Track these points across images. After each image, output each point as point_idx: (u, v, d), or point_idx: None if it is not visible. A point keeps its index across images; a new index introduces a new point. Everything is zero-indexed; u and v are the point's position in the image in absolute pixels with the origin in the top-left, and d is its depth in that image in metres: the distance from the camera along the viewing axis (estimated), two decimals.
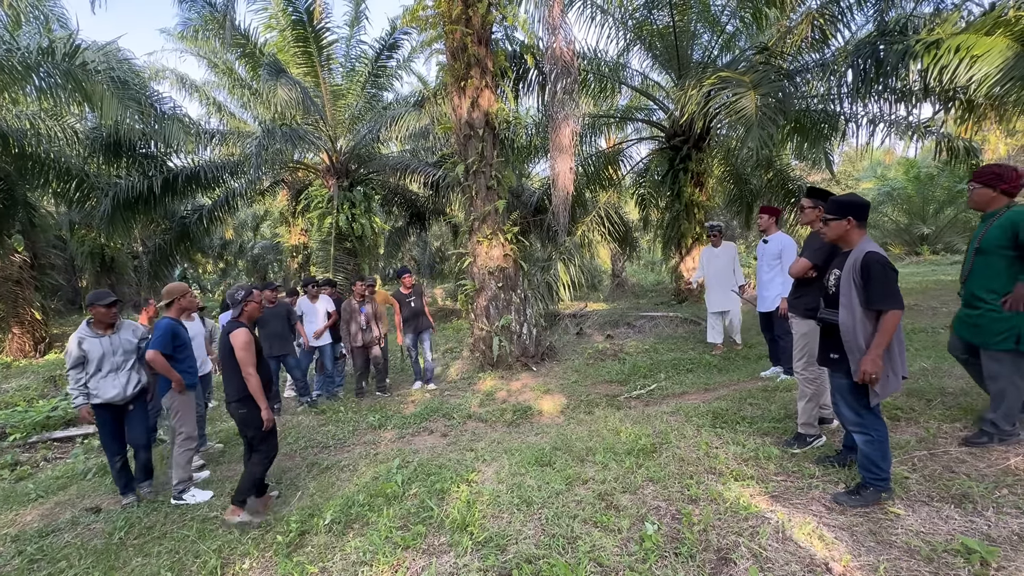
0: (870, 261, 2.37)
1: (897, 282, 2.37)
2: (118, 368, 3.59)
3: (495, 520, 2.66)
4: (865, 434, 2.48)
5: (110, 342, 3.58)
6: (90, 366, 3.52)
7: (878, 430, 2.47)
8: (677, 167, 10.51)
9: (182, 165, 11.04)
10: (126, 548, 3.02)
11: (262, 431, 3.25)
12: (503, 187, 6.76)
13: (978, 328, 2.87)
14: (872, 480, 2.48)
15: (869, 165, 27.65)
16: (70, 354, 3.52)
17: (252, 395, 3.19)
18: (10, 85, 8.08)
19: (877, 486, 2.47)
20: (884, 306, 2.35)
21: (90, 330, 3.57)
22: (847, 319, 2.44)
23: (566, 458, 3.40)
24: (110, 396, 3.55)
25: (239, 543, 2.86)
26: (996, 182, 2.80)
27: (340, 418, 5.36)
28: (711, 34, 10.34)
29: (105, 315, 3.57)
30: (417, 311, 6.34)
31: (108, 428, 3.64)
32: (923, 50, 6.24)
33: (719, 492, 2.68)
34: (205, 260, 27.43)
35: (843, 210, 2.50)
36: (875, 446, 2.46)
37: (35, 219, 11.49)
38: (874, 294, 2.36)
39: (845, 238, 2.53)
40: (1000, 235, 2.75)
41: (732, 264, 6.23)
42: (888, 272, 2.36)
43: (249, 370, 3.19)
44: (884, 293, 2.34)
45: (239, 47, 11.44)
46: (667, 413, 4.15)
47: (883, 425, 2.49)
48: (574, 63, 6.06)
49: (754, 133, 5.87)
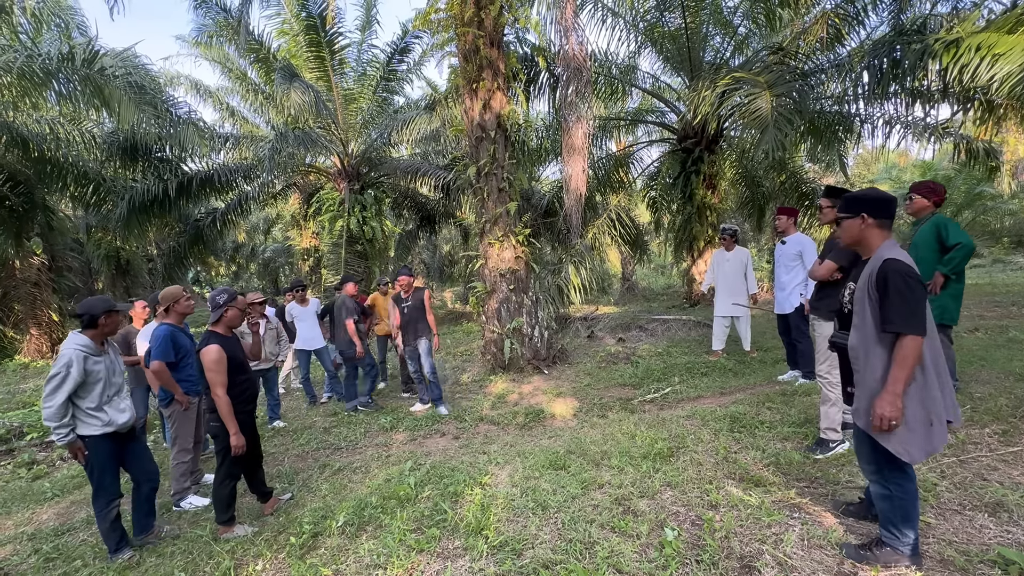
0: (888, 270, 1.87)
1: (924, 302, 1.86)
2: (120, 390, 2.98)
3: (510, 524, 2.62)
4: (883, 488, 2.00)
5: (109, 361, 2.95)
6: (94, 390, 2.80)
7: (901, 486, 1.95)
8: (689, 169, 10.44)
9: (196, 169, 11.19)
10: (140, 548, 3.01)
11: (230, 447, 2.98)
12: (515, 189, 6.74)
13: None
14: (891, 541, 2.01)
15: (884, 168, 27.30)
16: (71, 378, 2.69)
17: (222, 418, 2.94)
18: (31, 91, 8.24)
19: (897, 548, 1.99)
20: (901, 328, 1.83)
21: (93, 345, 2.83)
22: (858, 344, 1.98)
23: (581, 462, 3.34)
24: (123, 421, 2.92)
25: (252, 544, 2.84)
26: (930, 195, 3.75)
27: (352, 419, 5.35)
28: (723, 36, 10.29)
29: (117, 324, 2.99)
30: (412, 317, 5.45)
31: (114, 463, 2.94)
32: (942, 49, 6.14)
33: (740, 497, 2.61)
34: (218, 263, 27.74)
35: (856, 206, 2.04)
36: (895, 504, 1.97)
37: (53, 222, 11.68)
38: (890, 312, 1.85)
39: (862, 241, 2.05)
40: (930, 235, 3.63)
41: (743, 269, 6.04)
42: (912, 285, 1.84)
43: (218, 391, 2.92)
44: (903, 312, 1.82)
45: (253, 52, 11.58)
46: (683, 417, 4.08)
47: (910, 481, 1.97)
48: (587, 65, 6.03)
49: (769, 134, 5.79)
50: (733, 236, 6.13)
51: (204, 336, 3.08)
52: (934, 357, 1.90)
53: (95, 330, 2.86)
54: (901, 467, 1.96)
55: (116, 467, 2.96)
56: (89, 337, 2.84)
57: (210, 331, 3.11)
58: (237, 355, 3.15)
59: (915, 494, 1.98)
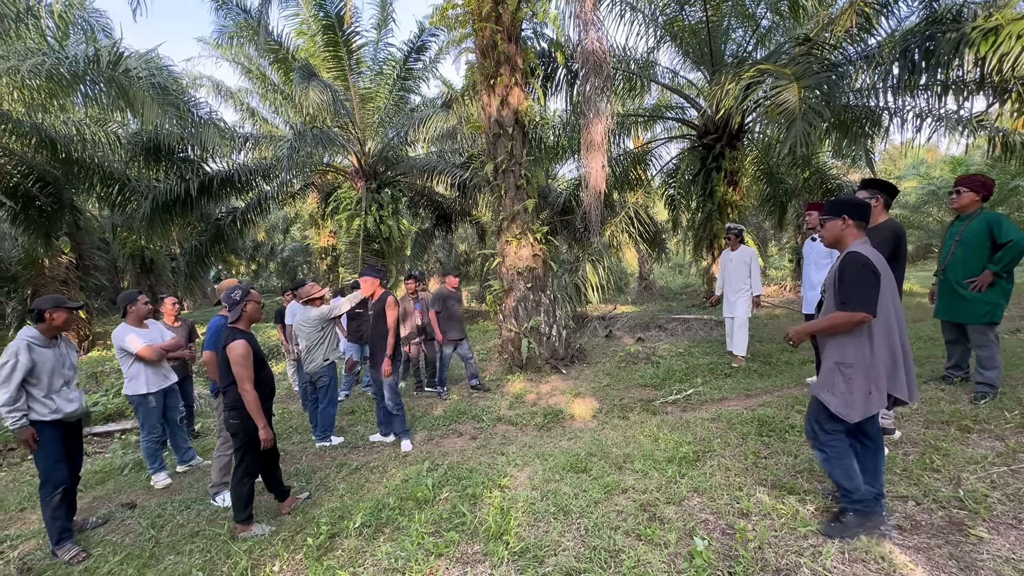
0: (847, 260, 2.14)
1: (875, 288, 2.07)
2: (69, 381, 3.16)
3: (531, 529, 2.53)
4: (820, 451, 2.28)
5: (59, 353, 3.13)
6: (40, 378, 2.99)
7: (834, 447, 2.23)
8: (709, 166, 10.21)
9: (217, 169, 11.34)
10: (160, 545, 3.01)
11: (248, 444, 3.01)
12: (532, 186, 6.64)
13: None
14: (849, 505, 2.24)
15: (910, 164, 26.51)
16: (20, 365, 2.91)
17: (250, 413, 2.96)
18: (59, 93, 8.42)
19: (856, 509, 2.21)
20: (852, 307, 2.09)
21: (42, 337, 3.05)
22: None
23: (602, 465, 3.24)
24: (70, 410, 3.10)
25: (270, 544, 2.81)
26: (981, 189, 3.59)
27: (369, 418, 5.32)
28: (745, 29, 10.04)
29: (68, 322, 3.14)
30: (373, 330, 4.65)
31: (58, 448, 3.06)
32: (980, 37, 5.90)
33: (772, 506, 2.48)
34: (238, 262, 28.21)
35: (838, 208, 2.25)
36: (833, 464, 2.23)
37: (80, 222, 11.95)
38: (844, 292, 2.12)
39: (840, 239, 2.28)
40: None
41: (747, 269, 5.75)
42: (865, 273, 2.08)
43: (246, 386, 2.92)
44: (854, 295, 2.08)
45: (272, 53, 11.69)
46: (707, 420, 3.95)
47: (839, 440, 2.23)
48: (607, 59, 5.91)
49: (797, 127, 5.59)
50: (739, 236, 5.89)
51: (227, 333, 3.05)
52: (889, 339, 2.13)
53: (43, 324, 3.08)
54: (830, 431, 2.24)
55: (62, 454, 3.10)
56: (39, 330, 3.06)
57: (232, 327, 3.08)
58: (259, 351, 3.15)
59: (847, 451, 2.23)
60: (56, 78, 8.02)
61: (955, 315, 3.71)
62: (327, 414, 4.69)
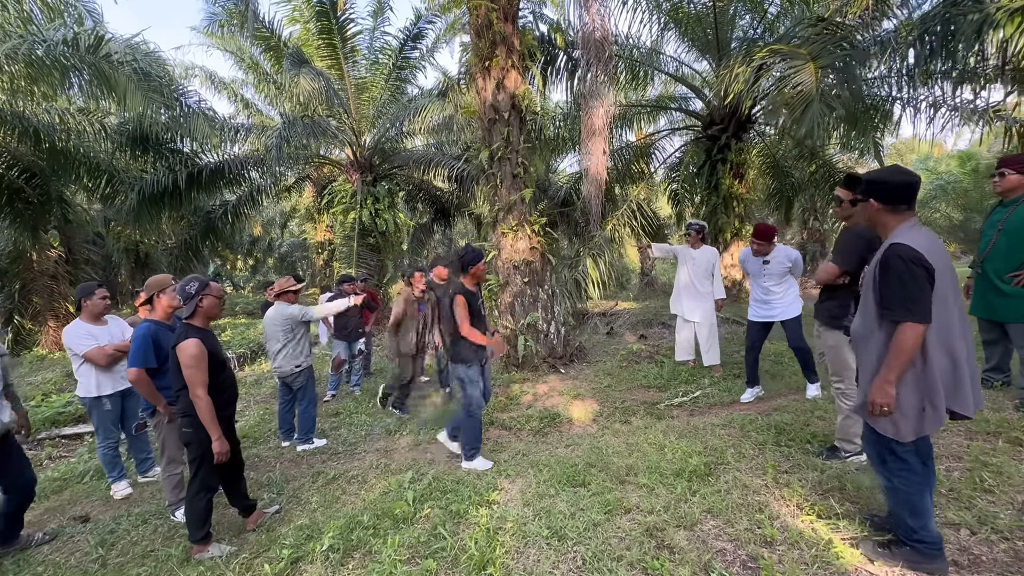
0: (891, 254, 1.78)
1: (927, 288, 1.73)
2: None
3: (520, 557, 2.20)
4: (886, 479, 1.94)
5: None
6: None
7: (904, 477, 1.88)
8: (715, 158, 9.85)
9: (206, 160, 11.01)
10: (105, 568, 2.69)
11: (204, 456, 2.67)
12: (530, 175, 6.29)
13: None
14: (907, 540, 1.92)
15: (917, 158, 26.08)
16: None
17: (202, 422, 2.61)
18: (39, 79, 8.09)
19: (915, 547, 1.89)
20: (897, 315, 1.75)
21: None
22: (860, 327, 1.92)
23: (603, 478, 2.91)
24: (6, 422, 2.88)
25: (224, 569, 2.48)
26: None
27: (354, 421, 5.00)
28: (752, 16, 9.67)
29: None
30: None
31: None
32: (1005, 17, 5.50)
33: (800, 532, 2.15)
34: (235, 257, 27.92)
35: (866, 190, 1.93)
36: (899, 497, 1.90)
37: (70, 215, 11.63)
38: (887, 296, 1.78)
39: (877, 224, 1.95)
40: None
41: (710, 271, 5.32)
42: (912, 270, 1.72)
43: (198, 391, 2.58)
44: (900, 297, 1.74)
45: (263, 40, 11.33)
46: (718, 425, 3.61)
47: (913, 472, 1.88)
48: (608, 39, 5.55)
49: (813, 111, 5.22)
50: (700, 232, 5.37)
51: (180, 330, 2.70)
52: (946, 344, 1.78)
53: None
54: (902, 457, 1.88)
55: None
56: None
57: (186, 324, 2.73)
58: (218, 351, 2.78)
59: (921, 486, 1.87)
60: (36, 63, 7.69)
61: (994, 312, 3.37)
62: (307, 415, 4.38)
